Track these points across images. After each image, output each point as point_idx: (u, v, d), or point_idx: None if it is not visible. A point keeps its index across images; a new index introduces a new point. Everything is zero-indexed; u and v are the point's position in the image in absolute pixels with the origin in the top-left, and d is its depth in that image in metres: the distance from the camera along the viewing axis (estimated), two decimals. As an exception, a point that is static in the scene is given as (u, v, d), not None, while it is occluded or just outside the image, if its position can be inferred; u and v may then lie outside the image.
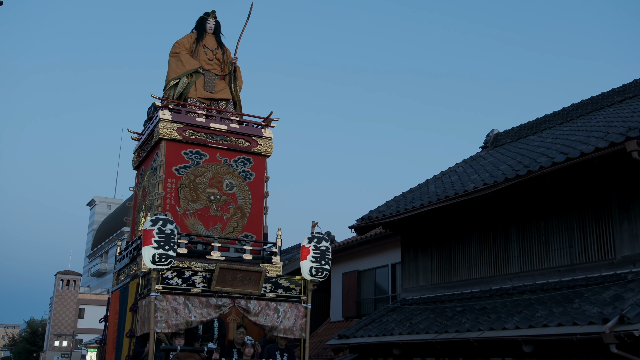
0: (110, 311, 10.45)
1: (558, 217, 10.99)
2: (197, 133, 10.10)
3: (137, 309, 8.80)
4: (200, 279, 8.59)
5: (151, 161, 10.32)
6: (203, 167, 10.02)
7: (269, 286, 9.04)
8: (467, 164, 15.50)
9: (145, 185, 10.54)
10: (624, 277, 9.39)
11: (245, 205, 10.16)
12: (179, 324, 8.26)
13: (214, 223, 9.88)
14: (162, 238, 8.00)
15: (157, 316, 8.13)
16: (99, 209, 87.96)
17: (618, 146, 8.95)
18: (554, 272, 10.77)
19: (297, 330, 9.02)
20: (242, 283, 8.78)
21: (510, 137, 16.48)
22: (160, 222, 8.06)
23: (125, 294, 9.63)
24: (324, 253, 9.01)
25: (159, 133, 9.79)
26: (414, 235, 14.38)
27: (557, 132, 13.51)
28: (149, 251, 7.98)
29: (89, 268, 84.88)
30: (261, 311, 8.85)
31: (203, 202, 9.87)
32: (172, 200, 9.66)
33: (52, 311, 59.74)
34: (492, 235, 12.28)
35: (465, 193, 11.58)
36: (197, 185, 9.89)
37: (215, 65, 11.13)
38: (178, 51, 10.90)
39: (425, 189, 14.47)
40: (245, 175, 10.31)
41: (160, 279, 8.34)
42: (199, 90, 10.79)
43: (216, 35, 11.36)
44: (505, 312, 10.31)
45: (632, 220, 9.74)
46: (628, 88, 14.10)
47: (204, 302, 8.51)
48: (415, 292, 13.97)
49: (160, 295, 8.24)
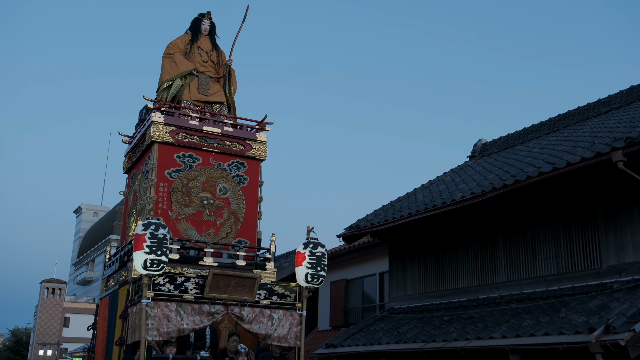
0: (99, 318, 10.17)
1: (545, 227, 11.08)
2: (190, 136, 9.87)
3: (127, 316, 8.54)
4: (192, 285, 8.36)
5: (143, 164, 10.08)
6: (196, 171, 9.79)
7: (263, 293, 8.82)
8: (455, 173, 15.63)
9: (136, 189, 10.29)
10: (609, 286, 9.48)
11: (239, 210, 9.93)
12: (170, 331, 8.01)
13: (207, 228, 9.64)
14: (154, 243, 7.76)
15: (148, 323, 7.88)
16: (86, 216, 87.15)
17: (604, 156, 9.02)
18: (540, 282, 10.84)
19: (292, 338, 8.79)
20: (236, 289, 8.55)
21: (497, 146, 16.64)
22: (152, 226, 7.83)
23: (114, 300, 9.36)
24: (319, 259, 8.80)
25: (151, 136, 9.55)
26: (402, 244, 14.44)
27: (544, 142, 13.63)
28: (141, 256, 7.74)
29: (74, 276, 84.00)
30: (255, 318, 8.62)
31: (196, 207, 9.64)
32: (164, 204, 9.42)
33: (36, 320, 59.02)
34: (480, 245, 12.38)
35: (453, 202, 11.66)
36: (190, 190, 9.65)
37: (210, 67, 10.92)
38: (172, 52, 10.68)
39: (413, 198, 14.58)
40: (239, 179, 10.08)
41: (152, 285, 8.09)
42: (193, 93, 10.57)
43: (211, 36, 11.15)
44: (492, 322, 10.35)
45: (617, 230, 9.84)
46: (614, 99, 14.21)
47: (196, 309, 8.26)
48: (403, 301, 14.03)
49: (151, 302, 8.00)
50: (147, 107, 10.21)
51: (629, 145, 8.80)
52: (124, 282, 9.15)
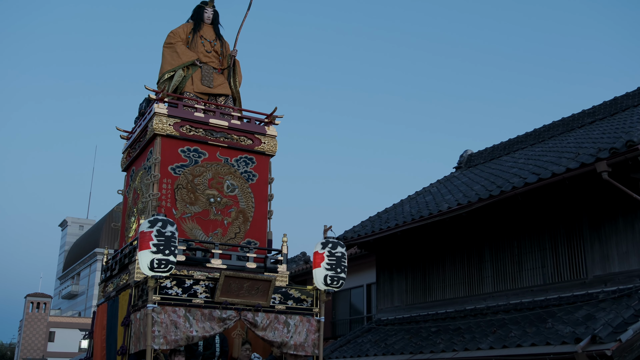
0: (96, 327, 9.38)
1: (531, 238, 11.14)
2: (195, 129, 9.16)
3: (129, 323, 7.78)
4: (202, 288, 7.63)
5: (144, 160, 9.35)
6: (202, 167, 9.07)
7: (278, 297, 8.10)
8: (442, 184, 15.77)
9: (136, 187, 9.54)
10: (595, 296, 9.54)
11: (247, 209, 9.22)
12: (179, 339, 7.26)
13: (214, 228, 8.91)
14: (161, 241, 7.03)
15: (154, 330, 7.13)
16: (71, 229, 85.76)
17: (588, 167, 9.10)
18: (527, 292, 10.88)
19: (310, 347, 8.07)
20: (249, 293, 7.82)
21: (483, 157, 16.71)
22: (159, 223, 7.09)
23: (114, 306, 8.58)
24: (339, 260, 8.09)
25: (154, 128, 8.83)
26: (389, 256, 14.46)
27: (530, 153, 13.71)
28: (147, 256, 7.00)
29: (60, 290, 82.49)
30: (269, 325, 7.89)
31: (202, 205, 8.91)
32: (168, 202, 8.69)
33: (21, 334, 57.71)
34: (466, 256, 12.43)
35: (440, 213, 11.73)
36: (195, 186, 8.93)
37: (213, 58, 10.23)
38: (173, 42, 9.98)
39: (400, 209, 14.66)
40: (248, 176, 9.38)
41: (158, 288, 7.36)
42: (196, 85, 9.87)
43: (214, 25, 10.45)
44: (479, 332, 10.35)
45: (602, 240, 9.91)
46: (597, 110, 14.31)
47: (206, 315, 7.53)
48: (391, 313, 14.05)
49: (157, 306, 7.25)
50: (148, 99, 9.52)
51: (613, 155, 8.83)
52: (125, 286, 8.40)
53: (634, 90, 13.73)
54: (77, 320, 59.79)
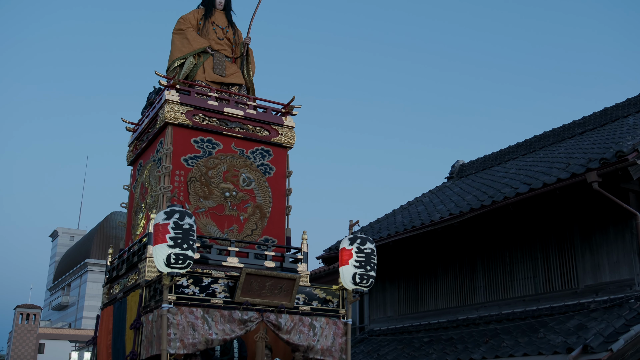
0: (101, 332, 8.68)
1: (522, 247, 11.16)
2: (209, 118, 8.51)
3: (140, 326, 7.10)
4: (221, 287, 6.97)
5: (153, 152, 8.69)
6: (216, 158, 8.42)
7: (302, 297, 7.46)
8: (433, 194, 15.82)
9: (144, 181, 8.87)
10: (587, 306, 9.55)
11: (264, 204, 8.57)
12: (197, 342, 6.60)
13: (230, 224, 8.24)
14: (179, 234, 6.37)
15: (170, 333, 6.46)
16: (62, 240, 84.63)
17: (579, 177, 9.12)
18: (519, 302, 10.91)
19: (337, 351, 7.41)
20: (272, 293, 7.17)
21: (475, 167, 16.79)
22: (176, 214, 6.43)
23: (122, 309, 7.90)
24: (369, 256, 7.44)
25: (165, 117, 8.17)
26: (381, 266, 14.49)
27: (521, 163, 13.78)
28: (163, 251, 6.34)
29: (50, 301, 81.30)
30: (294, 327, 7.24)
31: (217, 200, 8.25)
32: (181, 196, 8.02)
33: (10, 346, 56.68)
34: (458, 266, 12.44)
35: (432, 223, 11.74)
36: (209, 179, 8.27)
37: (226, 45, 9.59)
38: (183, 28, 9.34)
39: (392, 219, 14.65)
40: (265, 169, 8.74)
41: (174, 287, 6.70)
42: (208, 73, 9.23)
43: (226, 12, 9.82)
44: (472, 342, 10.35)
45: (594, 250, 9.93)
46: (588, 120, 14.40)
47: (226, 317, 6.87)
48: (383, 323, 14.07)
49: (173, 307, 6.59)
50: (157, 86, 8.87)
51: (603, 166, 8.86)
52: (134, 286, 7.71)
53: (624, 101, 13.81)
54: (68, 332, 58.81)
